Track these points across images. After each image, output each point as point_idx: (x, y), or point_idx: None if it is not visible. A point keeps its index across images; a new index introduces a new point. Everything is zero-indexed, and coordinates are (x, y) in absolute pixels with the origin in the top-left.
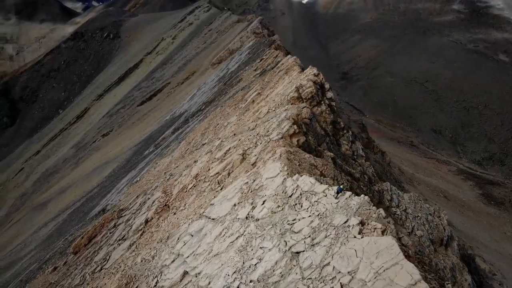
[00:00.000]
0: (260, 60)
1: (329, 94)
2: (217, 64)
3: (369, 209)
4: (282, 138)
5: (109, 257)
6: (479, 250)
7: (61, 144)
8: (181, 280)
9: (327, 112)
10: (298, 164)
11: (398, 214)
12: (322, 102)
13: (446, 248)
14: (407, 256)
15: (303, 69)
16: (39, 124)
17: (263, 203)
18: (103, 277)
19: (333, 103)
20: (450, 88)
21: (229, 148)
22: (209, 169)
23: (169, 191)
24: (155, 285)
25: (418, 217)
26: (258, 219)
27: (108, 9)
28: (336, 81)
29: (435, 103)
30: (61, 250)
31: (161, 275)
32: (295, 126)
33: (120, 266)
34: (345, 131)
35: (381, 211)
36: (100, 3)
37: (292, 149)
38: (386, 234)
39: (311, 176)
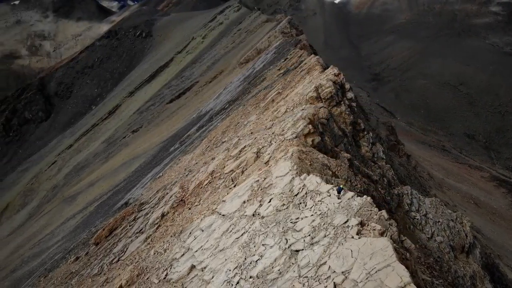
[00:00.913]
0: (285, 60)
1: (350, 95)
2: (245, 63)
3: (371, 210)
4: (296, 137)
5: (127, 249)
6: (507, 259)
7: (92, 139)
8: (188, 274)
9: (347, 112)
10: (309, 163)
11: (417, 219)
12: (342, 102)
13: (467, 255)
14: (404, 259)
15: (325, 69)
16: (72, 119)
17: (269, 201)
18: (119, 268)
19: (354, 104)
20: (485, 92)
21: (244, 146)
22: (224, 167)
23: (186, 186)
24: (164, 278)
25: (439, 223)
26: (264, 217)
27: (142, 8)
28: (367, 82)
29: (469, 106)
30: (84, 241)
31: (170, 268)
32: (310, 126)
33: (135, 258)
34: (365, 133)
35: (383, 212)
36: (135, 2)
37: (306, 148)
38: (386, 236)
39: (317, 176)
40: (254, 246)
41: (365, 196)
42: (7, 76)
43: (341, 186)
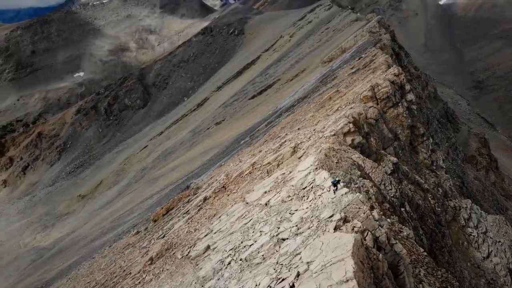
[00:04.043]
0: (359, 59)
1: (410, 97)
2: (328, 62)
3: (359, 208)
4: (334, 135)
5: (173, 227)
6: None
7: (181, 128)
8: (204, 253)
9: (405, 115)
10: (336, 161)
11: (474, 236)
12: (400, 104)
13: None
14: (374, 260)
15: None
16: (166, 109)
17: (280, 193)
18: (158, 243)
19: (414, 107)
20: None
21: (285, 141)
22: (264, 159)
23: (230, 175)
24: (186, 254)
25: (500, 243)
26: (271, 206)
27: (238, 6)
28: (468, 89)
29: None
30: (147, 218)
31: (194, 246)
32: (350, 125)
33: (173, 235)
34: (424, 138)
35: (375, 213)
36: (236, 0)
37: (339, 147)
38: (367, 236)
39: (327, 172)
40: (253, 232)
41: (357, 194)
42: (115, 66)
43: (337, 179)
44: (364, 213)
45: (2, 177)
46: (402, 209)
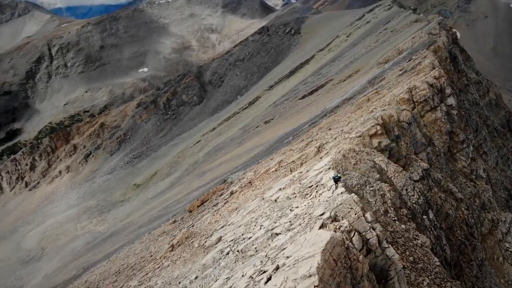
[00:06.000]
0: (408, 61)
1: (450, 101)
2: (384, 63)
3: (351, 208)
4: (359, 136)
5: (202, 218)
6: None
7: (232, 125)
8: (216, 243)
9: (443, 120)
10: (354, 163)
11: (511, 251)
12: (439, 108)
13: None
14: (355, 260)
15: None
16: (220, 106)
17: (288, 190)
18: (182, 232)
19: (454, 112)
20: None
21: (311, 140)
22: (290, 158)
23: (258, 171)
24: (203, 244)
25: None
26: (278, 202)
27: (296, 5)
28: None
29: None
30: (185, 209)
31: (210, 237)
32: (378, 127)
33: (198, 225)
34: (464, 145)
35: (368, 214)
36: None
37: (364, 148)
38: (353, 236)
39: (334, 171)
40: (255, 226)
41: (352, 194)
42: (177, 63)
43: (338, 174)
44: (355, 214)
45: (66, 163)
46: (424, 216)
